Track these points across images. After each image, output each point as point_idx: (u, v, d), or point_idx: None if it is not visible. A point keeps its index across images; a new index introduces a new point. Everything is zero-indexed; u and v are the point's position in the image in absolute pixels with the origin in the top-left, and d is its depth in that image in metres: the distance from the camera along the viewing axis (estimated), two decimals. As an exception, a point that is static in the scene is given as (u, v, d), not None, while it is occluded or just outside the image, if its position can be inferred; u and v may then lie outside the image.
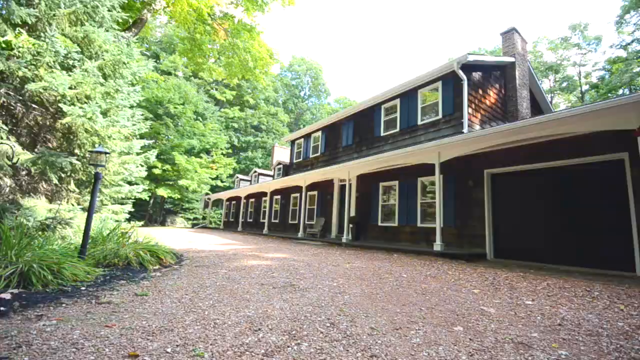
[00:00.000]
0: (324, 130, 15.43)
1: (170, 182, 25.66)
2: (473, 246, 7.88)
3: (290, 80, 48.08)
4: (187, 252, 7.08)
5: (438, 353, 2.05)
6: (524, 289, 4.05)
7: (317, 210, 14.13)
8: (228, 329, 2.38)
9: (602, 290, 3.96)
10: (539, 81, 12.79)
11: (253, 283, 4.00)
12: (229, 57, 8.73)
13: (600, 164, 6.19)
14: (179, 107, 24.69)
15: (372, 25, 78.26)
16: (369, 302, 3.27)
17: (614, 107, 5.11)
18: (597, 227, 6.10)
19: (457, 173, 8.62)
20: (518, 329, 2.53)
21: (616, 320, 2.77)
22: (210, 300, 3.17)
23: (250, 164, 38.59)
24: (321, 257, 6.84)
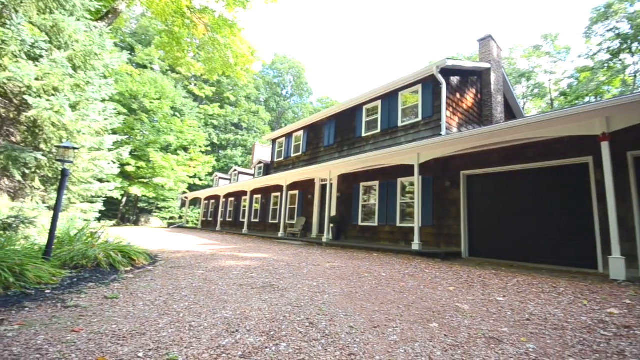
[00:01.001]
0: (305, 129, 15.39)
1: (145, 180, 24.71)
2: (449, 245, 8.13)
3: (273, 78, 47.61)
4: (162, 253, 6.84)
5: (414, 349, 2.09)
6: (496, 286, 4.22)
7: (298, 209, 14.09)
8: (204, 331, 2.32)
9: (567, 287, 4.19)
10: (513, 87, 13.37)
11: (231, 284, 3.92)
12: (208, 52, 8.49)
13: (567, 167, 6.56)
14: (155, 102, 23.77)
15: (355, 26, 79.03)
16: (349, 301, 3.29)
17: (580, 113, 5.44)
18: (564, 226, 6.46)
19: (435, 174, 8.86)
20: (490, 324, 2.62)
21: (580, 314, 2.93)
22: (186, 302, 3.08)
23: (230, 162, 37.87)
24: (301, 257, 6.82)
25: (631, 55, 25.22)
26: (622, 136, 5.47)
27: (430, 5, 68.57)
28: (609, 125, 5.16)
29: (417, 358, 1.97)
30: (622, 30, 24.86)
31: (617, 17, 25.05)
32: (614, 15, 25.10)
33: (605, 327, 2.57)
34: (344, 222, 11.39)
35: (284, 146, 16.89)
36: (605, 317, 2.84)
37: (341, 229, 11.40)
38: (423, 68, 9.85)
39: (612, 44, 25.64)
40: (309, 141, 14.95)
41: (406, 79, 10.45)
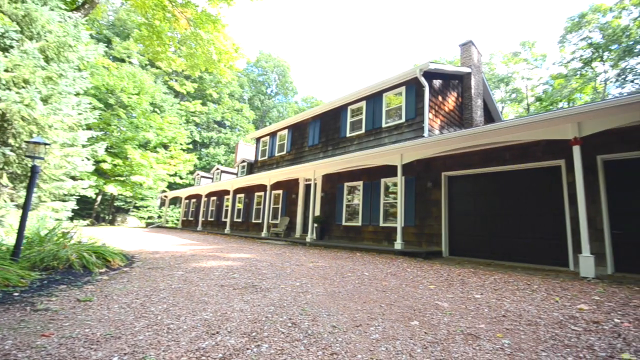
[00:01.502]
0: (290, 128, 15.32)
1: (122, 178, 23.82)
2: (431, 244, 8.31)
3: (257, 76, 47.08)
4: (139, 254, 6.62)
5: (395, 347, 2.12)
6: (474, 283, 4.35)
7: (282, 209, 14.00)
8: (183, 333, 2.26)
9: (540, 284, 4.37)
10: (492, 91, 13.83)
11: (212, 285, 3.84)
12: (191, 47, 8.24)
13: (542, 169, 6.85)
14: (134, 97, 22.92)
15: (340, 27, 79.43)
16: (331, 300, 3.29)
17: (553, 118, 5.68)
18: (538, 226, 6.73)
19: (418, 175, 9.03)
20: (468, 321, 2.69)
21: (552, 310, 3.06)
22: (164, 304, 2.99)
23: (212, 160, 37.14)
24: (285, 257, 6.78)
25: (602, 64, 26.67)
26: (593, 140, 5.77)
27: (414, 8, 69.92)
28: (581, 130, 5.42)
29: (397, 355, 1.99)
30: (594, 40, 26.24)
31: (589, 27, 26.42)
32: (587, 24, 26.45)
33: (576, 322, 2.69)
34: (328, 222, 11.42)
35: (268, 145, 16.75)
36: (575, 312, 2.98)
37: (325, 229, 11.42)
38: (407, 70, 10.02)
39: (584, 53, 27.01)
40: (294, 140, 14.89)
41: (390, 81, 10.59)
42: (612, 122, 5.15)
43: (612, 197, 5.81)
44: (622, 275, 5.36)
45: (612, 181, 5.88)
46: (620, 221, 5.69)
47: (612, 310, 3.04)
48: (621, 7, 24.56)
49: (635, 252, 5.48)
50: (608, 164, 5.97)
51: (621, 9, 24.60)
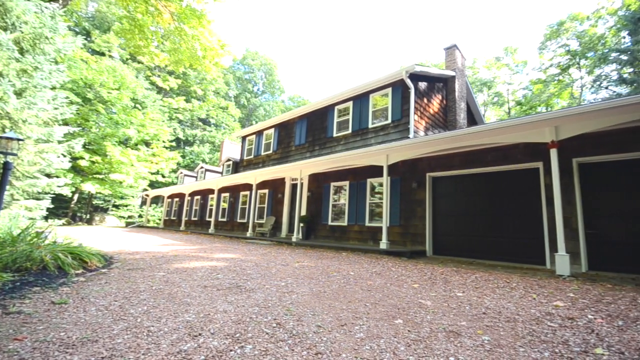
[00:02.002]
0: (277, 127, 15.21)
1: (101, 175, 22.99)
2: (415, 244, 8.44)
3: (244, 74, 46.49)
4: (118, 254, 6.41)
5: (379, 346, 2.13)
6: (456, 282, 4.44)
7: (268, 209, 13.89)
8: (164, 336, 2.20)
9: (519, 282, 4.52)
10: (475, 95, 14.18)
11: (195, 286, 3.76)
12: (174, 43, 8.01)
13: (521, 171, 7.08)
14: (114, 92, 22.11)
15: (327, 26, 79.61)
16: (317, 300, 3.29)
17: (532, 122, 5.89)
18: (518, 226, 6.96)
19: (403, 175, 9.15)
20: (450, 319, 2.75)
21: (529, 307, 3.17)
22: (145, 306, 2.90)
23: (196, 159, 36.41)
24: (270, 257, 6.72)
25: (578, 70, 27.87)
26: (569, 144, 6.02)
27: (400, 11, 70.90)
28: (558, 133, 5.64)
29: (381, 354, 2.01)
30: (571, 47, 27.39)
31: (567, 35, 27.56)
32: (565, 32, 27.58)
33: (552, 318, 2.79)
34: (314, 221, 11.41)
35: (254, 144, 16.57)
36: (551, 309, 3.09)
37: (311, 229, 11.41)
38: (393, 72, 10.14)
39: (562, 60, 28.16)
40: (280, 140, 14.80)
41: (377, 82, 10.69)
42: (587, 127, 5.39)
43: (586, 198, 6.08)
44: (596, 273, 5.61)
45: (586, 183, 6.15)
46: (593, 221, 5.96)
47: (586, 307, 3.17)
48: (597, 16, 25.77)
49: (608, 251, 5.75)
50: (583, 166, 6.24)
51: (597, 17, 25.80)
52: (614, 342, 2.23)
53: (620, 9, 23.40)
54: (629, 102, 4.89)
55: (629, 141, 5.71)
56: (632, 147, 5.68)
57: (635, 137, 5.66)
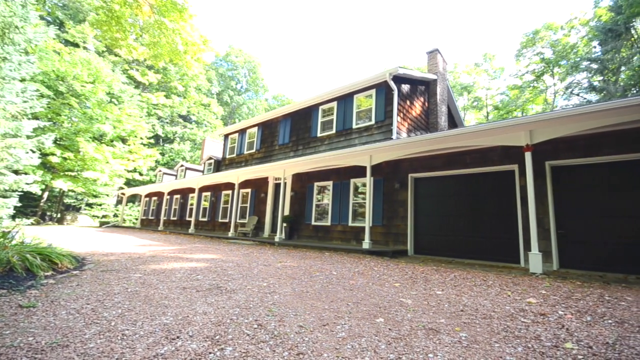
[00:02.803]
0: (260, 126, 15.05)
1: (73, 173, 21.92)
2: (397, 243, 8.57)
3: (227, 71, 45.61)
4: (91, 256, 6.14)
5: (361, 345, 2.15)
6: (436, 280, 4.55)
7: (250, 208, 13.71)
8: (140, 339, 2.12)
9: (495, 280, 4.68)
10: (455, 98, 14.58)
11: (173, 287, 3.65)
12: (154, 36, 7.71)
13: (498, 173, 7.33)
14: (88, 85, 21.09)
15: (311, 27, 79.55)
16: (299, 300, 3.27)
17: (509, 126, 6.12)
18: (494, 226, 7.21)
19: (386, 176, 9.28)
20: (429, 317, 2.81)
21: (504, 304, 3.28)
22: (119, 309, 2.79)
23: (176, 157, 35.40)
24: (252, 257, 6.63)
25: (552, 78, 29.24)
26: (542, 147, 6.29)
27: (383, 14, 71.90)
28: (532, 137, 5.89)
29: (363, 353, 2.02)
30: (545, 56, 28.72)
31: (542, 43, 28.87)
32: (540, 40, 28.89)
33: (525, 315, 2.91)
34: (297, 221, 11.37)
35: (237, 142, 16.32)
36: (525, 306, 3.22)
37: (294, 229, 11.36)
38: (377, 74, 10.25)
39: (537, 67, 29.47)
40: (264, 138, 14.65)
41: (361, 83, 10.78)
42: (559, 132, 5.65)
43: (558, 200, 6.38)
44: (566, 271, 5.90)
45: (558, 185, 6.45)
46: (564, 222, 6.26)
47: (557, 303, 3.33)
48: (570, 26, 27.16)
49: (577, 250, 6.06)
50: (555, 169, 6.54)
51: (570, 27, 27.20)
52: (583, 337, 2.34)
53: (591, 20, 24.76)
54: (598, 109, 5.17)
55: (598, 146, 6.04)
56: (600, 152, 6.01)
57: (603, 142, 6.00)
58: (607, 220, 5.85)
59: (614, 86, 20.90)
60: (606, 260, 5.73)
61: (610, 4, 21.64)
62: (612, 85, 21.04)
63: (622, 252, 5.62)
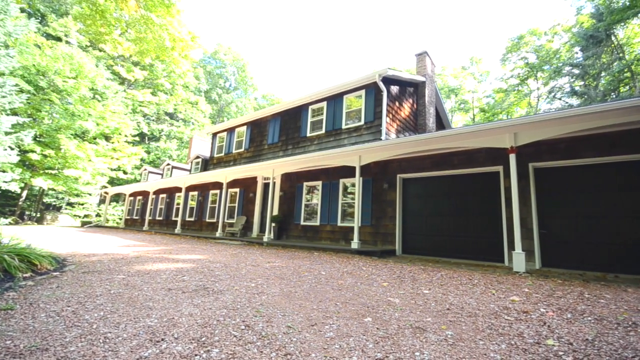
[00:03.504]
0: (249, 125, 14.91)
1: (53, 171, 21.19)
2: (386, 243, 8.64)
3: (215, 68, 44.97)
4: (72, 256, 5.95)
5: (349, 344, 2.15)
6: (423, 280, 4.60)
7: (239, 208, 13.57)
8: (123, 342, 2.06)
9: (480, 279, 4.77)
10: (443, 101, 14.81)
11: (158, 289, 3.57)
12: (140, 31, 7.52)
13: (484, 174, 7.49)
14: (70, 81, 20.41)
15: (301, 27, 79.40)
16: (287, 300, 3.25)
17: (494, 128, 6.26)
18: (480, 226, 7.36)
19: (375, 176, 9.34)
20: (416, 316, 2.84)
21: (489, 302, 3.35)
22: (101, 311, 2.71)
23: (162, 155, 34.66)
24: (240, 257, 6.57)
25: (536, 82, 30.10)
26: (526, 150, 6.47)
27: (372, 16, 72.44)
28: (516, 140, 6.04)
29: (350, 352, 2.02)
30: (530, 60, 29.54)
31: (527, 48, 29.71)
32: (524, 45, 29.72)
33: (509, 312, 2.98)
34: (286, 221, 11.32)
35: (225, 141, 16.13)
36: (508, 304, 3.29)
37: (283, 229, 11.31)
38: (366, 75, 10.32)
39: (521, 71, 30.29)
40: (252, 138, 14.53)
41: (351, 84, 10.83)
42: (543, 134, 5.82)
43: (540, 201, 6.57)
44: (548, 269, 6.08)
45: (540, 186, 6.64)
46: (546, 222, 6.45)
47: (539, 301, 3.42)
48: (554, 32, 28.07)
49: (558, 249, 6.25)
50: (538, 170, 6.73)
51: (554, 34, 28.11)
52: (564, 334, 2.41)
53: (574, 26, 25.62)
54: (578, 113, 5.35)
55: (578, 149, 6.25)
56: (580, 155, 6.22)
57: (584, 145, 6.21)
58: (586, 221, 6.05)
59: (594, 91, 21.70)
60: (586, 259, 5.93)
61: (592, 11, 22.44)
62: (592, 90, 21.84)
63: (601, 251, 5.83)
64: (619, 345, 2.17)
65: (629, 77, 20.73)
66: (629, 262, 5.54)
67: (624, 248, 5.64)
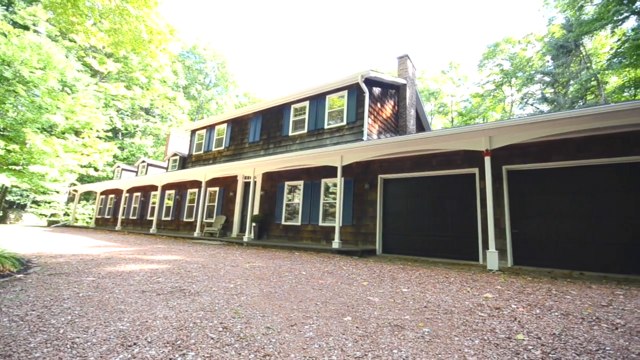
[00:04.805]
0: (230, 123, 14.63)
1: (18, 166, 19.88)
2: (366, 243, 8.74)
3: (195, 64, 43.75)
4: (38, 258, 5.61)
5: (328, 344, 2.15)
6: (402, 279, 4.69)
7: (218, 207, 13.28)
8: (92, 347, 1.96)
9: (456, 277, 4.92)
10: (423, 103, 15.16)
11: (131, 291, 3.43)
12: (115, 22, 7.16)
13: (461, 175, 7.73)
14: (38, 72, 19.19)
15: (283, 26, 78.88)
16: (267, 301, 3.21)
17: (471, 132, 6.47)
18: (457, 226, 7.59)
19: (356, 176, 9.42)
20: (395, 314, 2.88)
21: (464, 300, 3.46)
22: (69, 315, 2.56)
23: (137, 152, 33.33)
24: (219, 258, 6.43)
25: (510, 88, 31.46)
26: (500, 153, 6.73)
27: (354, 18, 73.12)
28: (491, 143, 6.28)
29: (330, 351, 2.02)
30: (504, 67, 30.85)
31: (502, 55, 31.01)
32: (500, 53, 31.01)
33: (482, 309, 3.08)
34: (267, 221, 11.20)
35: (205, 139, 15.74)
36: (482, 301, 3.41)
37: (264, 228, 11.18)
38: (349, 75, 10.38)
39: (497, 77, 31.59)
40: (233, 136, 14.27)
41: (334, 84, 10.86)
42: (516, 138, 6.08)
43: (513, 202, 6.86)
44: (519, 267, 6.36)
45: (512, 188, 6.94)
46: (518, 222, 6.74)
47: (511, 298, 3.56)
48: (527, 41, 29.52)
49: (528, 248, 6.56)
50: (511, 173, 7.03)
51: (527, 42, 29.53)
52: (533, 329, 2.53)
53: (546, 36, 26.99)
54: (548, 118, 5.63)
55: (548, 153, 6.59)
56: (549, 158, 6.56)
57: (553, 149, 6.54)
58: (555, 221, 6.39)
59: (563, 98, 22.97)
60: (554, 258, 6.26)
61: (563, 22, 23.74)
62: (561, 98, 23.11)
63: (567, 250, 6.17)
64: (584, 339, 2.29)
65: (595, 85, 22.10)
66: (593, 261, 5.90)
67: (589, 247, 6.00)
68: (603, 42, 23.03)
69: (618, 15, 18.09)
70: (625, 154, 5.88)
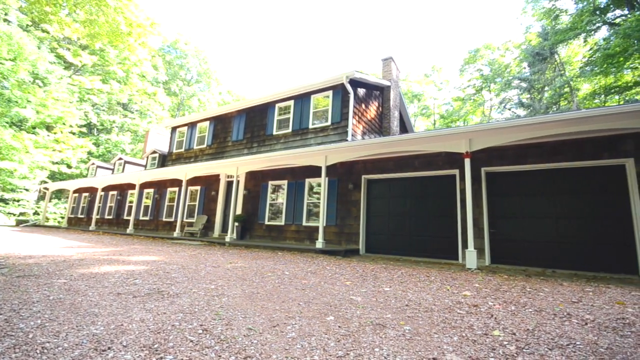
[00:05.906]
0: (212, 121, 14.35)
1: (-16, 163, 18.72)
2: (350, 243, 8.79)
3: (175, 59, 42.50)
4: (5, 259, 5.29)
5: (310, 344, 2.14)
6: (385, 278, 4.75)
7: (199, 207, 12.99)
8: (63, 352, 1.86)
9: (437, 276, 5.03)
10: (407, 105, 15.42)
11: (106, 293, 3.29)
12: (91, 13, 6.85)
13: (442, 177, 7.92)
14: (7, 63, 18.18)
15: (268, 25, 78.23)
16: (249, 302, 3.17)
17: (452, 134, 6.64)
18: (438, 225, 7.77)
19: (340, 177, 9.47)
20: (377, 313, 2.91)
21: (444, 298, 3.54)
22: (39, 319, 2.43)
23: (114, 149, 32.05)
24: (199, 258, 6.28)
25: (489, 93, 32.56)
26: (479, 155, 6.94)
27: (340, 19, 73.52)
28: (471, 145, 6.46)
29: (312, 351, 2.02)
30: (484, 72, 31.91)
31: (482, 61, 32.05)
32: (480, 58, 32.05)
33: (461, 307, 3.17)
34: (250, 220, 11.07)
35: (186, 136, 15.36)
36: (461, 298, 3.51)
37: (247, 228, 11.04)
38: (334, 75, 10.41)
39: (477, 82, 32.61)
40: (216, 134, 14.00)
41: (319, 84, 10.86)
42: (494, 141, 6.29)
43: (491, 202, 7.10)
44: (496, 266, 6.58)
45: (491, 189, 7.18)
46: (495, 222, 6.98)
47: (488, 295, 3.68)
48: (505, 48, 30.68)
49: (505, 247, 6.80)
50: (489, 175, 7.27)
51: (505, 49, 30.68)
52: (508, 325, 2.62)
53: (523, 44, 28.10)
54: (525, 123, 5.86)
55: (524, 155, 6.86)
56: (526, 161, 6.83)
57: (528, 152, 6.82)
58: (529, 221, 6.66)
59: (538, 103, 24.01)
60: (529, 257, 6.53)
61: (539, 30, 24.80)
62: (537, 103, 24.15)
63: (541, 249, 6.45)
64: (556, 335, 2.40)
65: (568, 92, 23.22)
66: (564, 259, 6.20)
67: (561, 246, 6.29)
68: (576, 51, 24.25)
69: (591, 25, 19.11)
70: (595, 158, 6.21)
